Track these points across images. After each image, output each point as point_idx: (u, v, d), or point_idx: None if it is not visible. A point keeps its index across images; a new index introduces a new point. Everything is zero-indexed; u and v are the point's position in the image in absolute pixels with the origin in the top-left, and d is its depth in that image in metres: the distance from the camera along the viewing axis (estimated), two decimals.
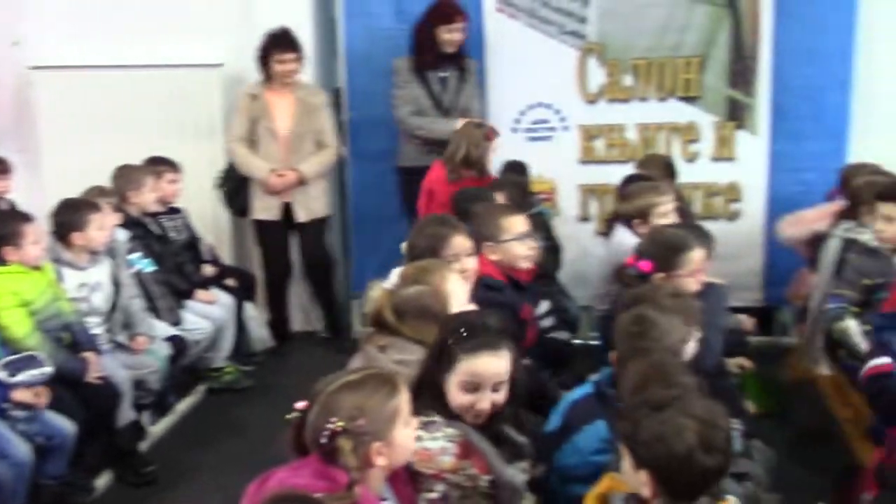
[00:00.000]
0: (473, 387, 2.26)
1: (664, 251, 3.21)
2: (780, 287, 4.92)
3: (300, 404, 2.03)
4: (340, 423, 1.94)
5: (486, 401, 2.27)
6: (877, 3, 4.80)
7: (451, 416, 2.26)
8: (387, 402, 2.01)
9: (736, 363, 3.60)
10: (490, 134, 4.60)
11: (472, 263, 3.20)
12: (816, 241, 4.22)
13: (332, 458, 1.96)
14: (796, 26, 4.83)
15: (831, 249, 3.92)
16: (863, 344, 3.52)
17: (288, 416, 2.04)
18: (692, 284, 3.16)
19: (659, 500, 1.88)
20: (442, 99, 4.91)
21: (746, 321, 3.87)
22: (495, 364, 2.28)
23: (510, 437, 2.34)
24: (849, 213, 4.02)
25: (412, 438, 2.08)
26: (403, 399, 2.05)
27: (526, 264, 3.54)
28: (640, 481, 1.89)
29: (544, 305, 3.65)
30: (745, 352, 3.83)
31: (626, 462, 1.94)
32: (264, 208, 5.08)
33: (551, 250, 4.37)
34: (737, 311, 4.13)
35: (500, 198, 4.09)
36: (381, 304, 2.63)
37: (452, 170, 4.54)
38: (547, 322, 3.72)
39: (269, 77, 4.97)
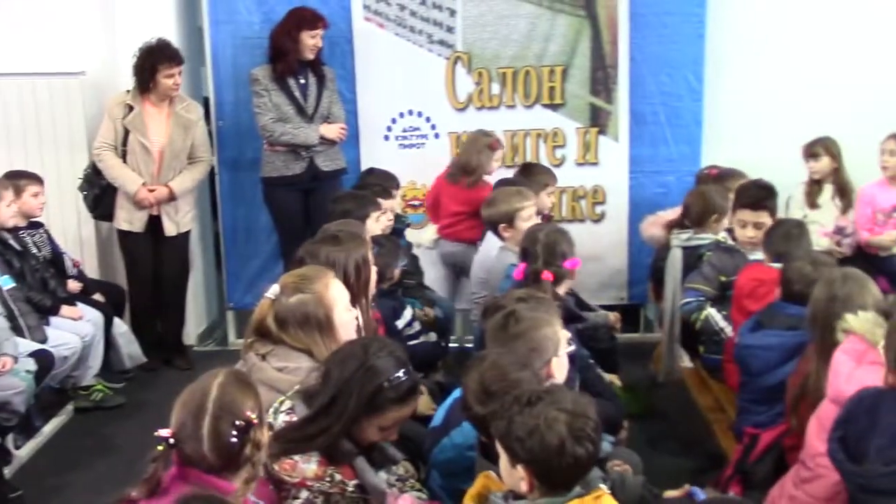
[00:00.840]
0: (393, 425, 2.36)
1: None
2: (644, 285, 5.16)
3: (166, 432, 1.97)
4: (253, 416, 1.97)
5: (396, 432, 2.39)
6: (723, 17, 5.09)
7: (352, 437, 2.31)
8: (256, 390, 2.09)
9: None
10: (495, 144, 4.85)
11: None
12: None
13: (233, 461, 1.96)
14: (651, 37, 5.07)
15: (675, 260, 4.14)
16: (727, 328, 3.74)
17: (160, 448, 1.96)
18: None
19: (535, 493, 1.95)
20: (304, 105, 4.90)
21: (612, 317, 4.03)
22: (415, 406, 2.40)
23: (380, 444, 2.40)
24: (682, 223, 4.25)
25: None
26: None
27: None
28: (516, 477, 1.96)
29: (408, 312, 3.69)
30: (614, 363, 3.98)
31: (503, 460, 2.00)
32: (129, 220, 4.94)
33: (409, 257, 4.46)
34: (604, 308, 4.33)
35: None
36: (262, 313, 2.63)
37: (452, 173, 4.87)
38: (412, 328, 3.75)
39: (148, 89, 4.82)
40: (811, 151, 4.88)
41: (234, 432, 1.94)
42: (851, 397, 2.33)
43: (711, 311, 3.84)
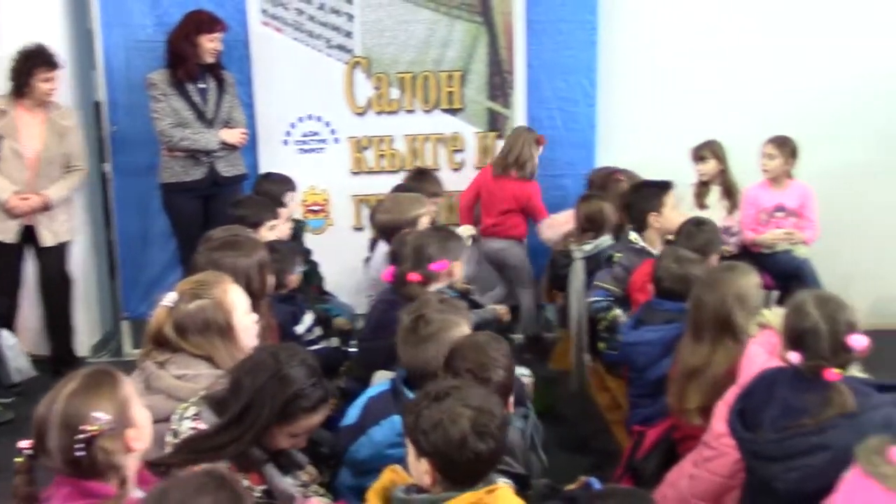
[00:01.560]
0: (304, 433, 2.36)
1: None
2: (541, 285, 5.26)
3: (26, 443, 1.94)
4: (94, 427, 1.92)
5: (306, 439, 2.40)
6: (614, 24, 5.25)
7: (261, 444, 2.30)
8: (117, 390, 2.03)
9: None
10: (541, 139, 5.04)
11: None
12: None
13: (90, 472, 1.92)
14: (547, 44, 5.20)
15: (578, 272, 4.23)
16: None
17: (17, 460, 1.94)
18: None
19: (438, 487, 1.99)
20: (204, 110, 4.83)
21: (500, 310, 4.08)
22: (326, 413, 2.41)
23: (287, 450, 2.40)
24: (586, 233, 4.34)
25: (148, 414, 2.12)
26: (125, 381, 2.08)
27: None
28: (421, 470, 2.00)
29: (308, 317, 3.67)
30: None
31: (410, 453, 2.04)
32: (1, 230, 4.77)
33: (307, 262, 4.43)
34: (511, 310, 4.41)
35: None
36: (159, 321, 2.58)
37: (500, 167, 4.98)
38: (312, 334, 3.71)
39: (23, 94, 4.66)
40: (698, 154, 5.07)
41: (79, 445, 1.90)
42: (753, 376, 2.47)
43: (618, 312, 3.93)
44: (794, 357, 2.31)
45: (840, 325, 2.28)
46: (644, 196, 4.16)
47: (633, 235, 4.11)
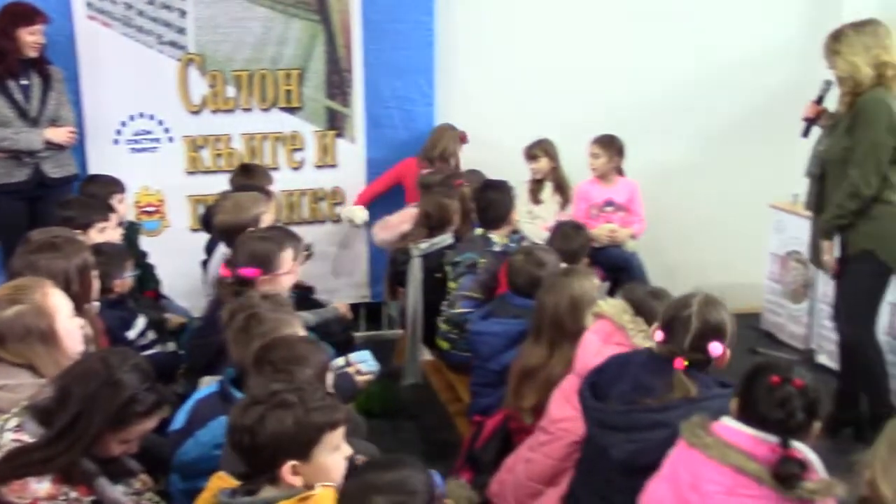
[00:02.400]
0: (136, 439, 2.32)
1: (263, 255, 3.29)
2: (383, 283, 5.30)
3: None
4: None
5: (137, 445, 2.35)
6: (451, 25, 5.36)
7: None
8: None
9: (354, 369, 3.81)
10: (463, 136, 5.23)
11: None
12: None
13: None
14: (384, 43, 5.23)
15: (416, 269, 4.29)
16: None
17: None
18: (289, 281, 3.35)
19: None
20: (27, 108, 4.58)
21: (342, 308, 4.09)
22: (159, 418, 2.37)
23: (118, 457, 2.34)
24: (426, 230, 4.41)
25: None
26: None
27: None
28: None
29: (141, 321, 3.56)
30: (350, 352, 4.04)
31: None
32: None
33: (141, 265, 4.32)
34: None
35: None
36: None
37: (428, 161, 5.08)
38: (146, 338, 3.60)
39: None
40: (530, 153, 5.26)
41: None
42: (610, 356, 2.60)
43: None
44: (659, 335, 2.46)
45: (709, 328, 2.41)
46: (506, 194, 4.27)
47: (493, 236, 4.13)
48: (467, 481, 3.08)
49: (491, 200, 4.19)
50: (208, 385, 2.76)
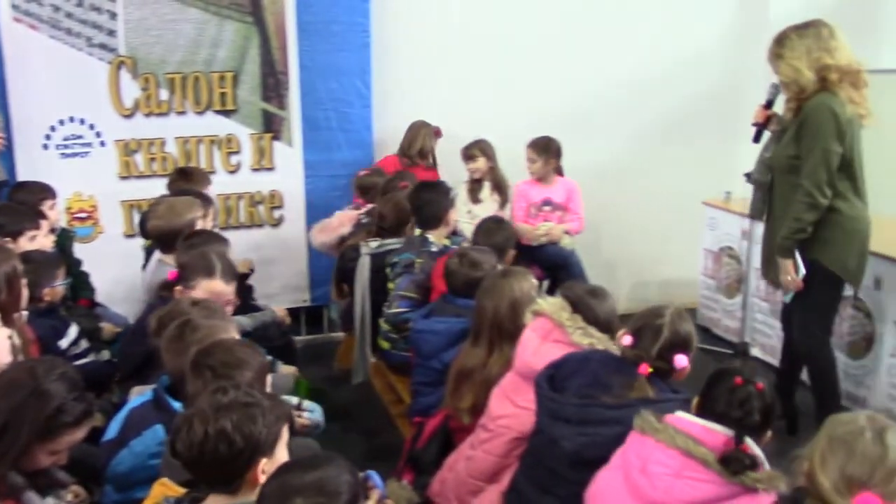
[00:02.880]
0: (65, 449, 2.28)
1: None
2: (325, 287, 5.28)
3: None
4: None
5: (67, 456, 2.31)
6: (387, 26, 5.35)
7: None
8: None
9: (287, 371, 3.80)
10: (438, 132, 5.38)
11: None
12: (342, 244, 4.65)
13: None
14: (320, 45, 5.19)
15: (364, 268, 4.28)
16: None
17: None
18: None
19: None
20: None
21: (279, 312, 4.06)
22: (89, 428, 2.34)
23: (47, 469, 2.30)
24: (379, 231, 4.41)
25: None
26: None
27: None
28: None
29: (73, 330, 3.48)
30: (293, 359, 4.03)
31: None
32: None
33: (75, 273, 4.23)
34: (289, 311, 4.37)
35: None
36: None
37: (408, 159, 5.22)
38: (78, 347, 3.52)
39: None
40: (468, 153, 5.29)
41: None
42: (569, 353, 2.62)
43: None
44: (627, 340, 2.51)
45: (678, 340, 2.47)
46: (442, 194, 4.27)
47: (431, 237, 4.13)
48: (409, 482, 3.10)
49: (426, 200, 4.20)
50: (140, 394, 2.71)
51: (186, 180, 4.50)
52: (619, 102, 5.87)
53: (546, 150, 5.20)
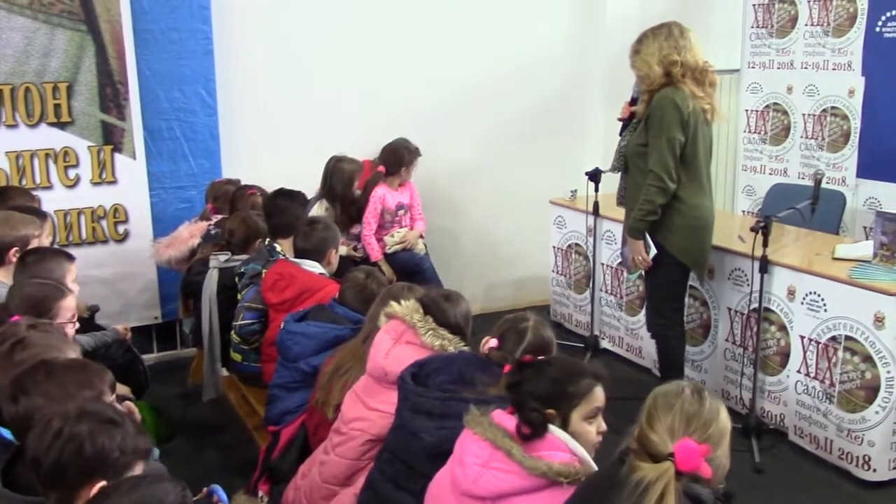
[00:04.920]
0: None
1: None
2: (176, 302, 5.11)
3: None
4: None
5: None
6: (230, 33, 5.25)
7: None
8: None
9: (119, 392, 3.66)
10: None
11: None
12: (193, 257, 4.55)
13: None
14: (159, 53, 5.04)
15: (212, 281, 4.19)
16: None
17: None
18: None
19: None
20: None
21: (121, 329, 3.91)
22: None
23: None
24: (232, 245, 4.33)
25: None
26: None
27: None
28: None
29: None
30: (140, 378, 3.88)
31: None
32: None
33: None
34: (140, 329, 4.23)
35: None
36: None
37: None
38: None
39: None
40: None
41: None
42: (435, 354, 2.66)
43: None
44: (493, 342, 2.62)
45: (540, 343, 2.59)
46: (297, 203, 4.22)
47: (278, 246, 4.05)
48: (265, 493, 3.07)
49: (280, 207, 4.14)
50: None
51: (3, 200, 4.25)
52: (470, 105, 5.99)
53: (389, 165, 5.31)
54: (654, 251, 4.13)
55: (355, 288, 3.43)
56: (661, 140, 3.99)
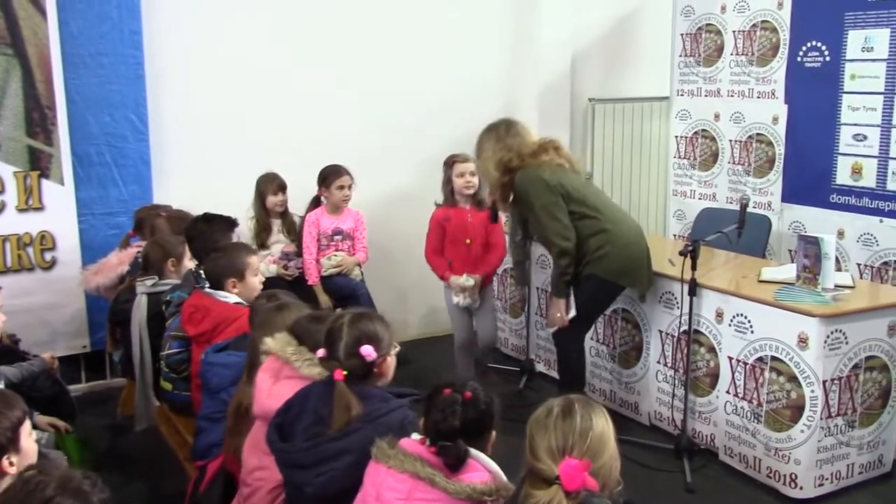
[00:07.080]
0: None
1: None
2: (105, 330, 5.01)
3: None
4: None
5: None
6: (162, 58, 5.21)
7: None
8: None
9: (48, 421, 3.57)
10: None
11: None
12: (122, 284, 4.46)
13: None
14: (89, 78, 4.97)
15: (141, 307, 4.12)
16: None
17: None
18: None
19: None
20: None
21: (48, 358, 3.82)
22: None
23: None
24: (148, 269, 4.25)
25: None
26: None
27: None
28: None
29: None
30: (68, 409, 3.81)
31: None
32: None
33: None
34: (68, 359, 4.11)
35: None
36: None
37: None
38: None
39: None
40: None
41: None
42: (297, 392, 2.55)
43: None
44: (321, 352, 2.52)
45: (361, 334, 2.47)
46: (217, 227, 4.16)
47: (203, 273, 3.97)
48: None
49: (199, 231, 4.09)
50: None
51: None
52: (405, 130, 6.02)
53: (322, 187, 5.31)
54: (573, 313, 4.31)
55: (262, 317, 3.38)
56: (538, 212, 4.20)
